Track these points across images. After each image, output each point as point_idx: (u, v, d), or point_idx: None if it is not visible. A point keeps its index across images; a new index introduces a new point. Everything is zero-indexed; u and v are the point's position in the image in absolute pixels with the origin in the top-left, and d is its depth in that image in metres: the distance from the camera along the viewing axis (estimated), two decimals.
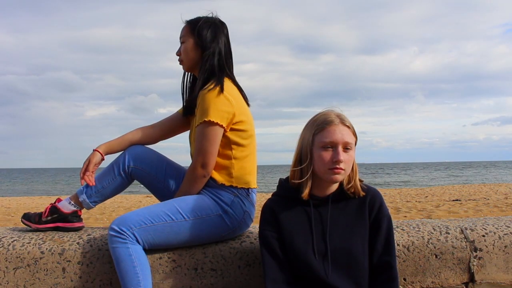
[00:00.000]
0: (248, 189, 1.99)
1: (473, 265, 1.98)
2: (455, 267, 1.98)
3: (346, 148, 1.63)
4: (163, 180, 2.07)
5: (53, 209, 2.06)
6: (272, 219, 1.70)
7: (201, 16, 2.09)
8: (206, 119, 1.89)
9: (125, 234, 1.80)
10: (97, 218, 8.30)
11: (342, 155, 1.61)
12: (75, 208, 2.07)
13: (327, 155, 1.61)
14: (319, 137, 1.63)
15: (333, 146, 1.62)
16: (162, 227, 1.84)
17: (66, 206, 2.06)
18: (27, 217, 2.09)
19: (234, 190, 1.95)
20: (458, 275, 1.98)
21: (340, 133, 1.62)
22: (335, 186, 1.70)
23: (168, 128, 2.20)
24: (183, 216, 1.86)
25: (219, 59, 2.01)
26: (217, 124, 1.89)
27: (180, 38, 2.09)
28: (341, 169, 1.61)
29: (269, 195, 1.85)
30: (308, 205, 1.69)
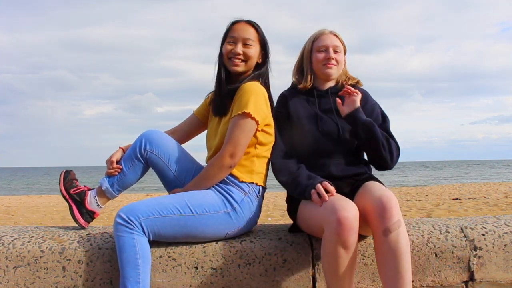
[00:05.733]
0: (259, 187, 2.01)
1: (473, 263, 1.98)
2: (455, 265, 1.98)
3: (335, 51, 2.16)
4: (175, 169, 2.08)
5: (82, 194, 2.12)
6: (283, 102, 2.19)
7: (254, 21, 2.14)
8: (246, 111, 1.93)
9: (133, 224, 1.80)
10: (97, 217, 8.30)
11: (332, 54, 2.14)
12: (95, 209, 2.12)
13: (321, 55, 2.16)
14: (316, 43, 2.19)
15: (326, 49, 2.16)
16: (170, 219, 1.84)
17: (91, 202, 2.12)
18: (67, 174, 2.18)
19: (245, 189, 1.96)
20: (458, 274, 1.98)
21: (330, 39, 2.18)
22: (331, 83, 2.21)
23: (186, 133, 2.29)
24: (191, 211, 1.87)
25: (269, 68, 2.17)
26: (254, 119, 1.94)
27: (246, 39, 2.08)
28: (333, 64, 2.15)
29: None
30: (312, 96, 2.18)
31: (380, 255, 1.73)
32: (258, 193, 2.01)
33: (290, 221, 2.14)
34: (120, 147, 2.19)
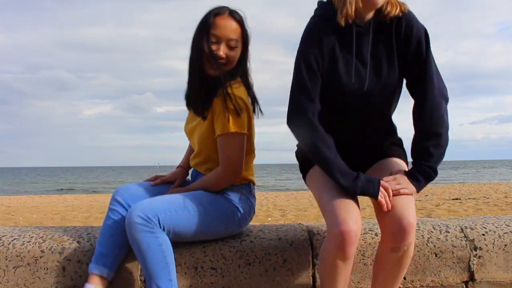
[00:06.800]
0: (250, 184, 2.01)
1: (473, 263, 1.98)
2: (455, 266, 1.98)
3: None
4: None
5: None
6: (317, 40, 1.70)
7: (236, 10, 1.92)
8: (233, 131, 1.84)
9: (153, 222, 1.73)
10: (97, 217, 8.30)
11: None
12: None
13: None
14: None
15: None
16: (184, 217, 1.82)
17: None
18: None
19: (239, 188, 1.96)
20: (458, 274, 1.98)
21: None
22: (371, 14, 1.70)
23: None
24: (204, 209, 1.86)
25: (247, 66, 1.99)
26: (241, 134, 1.87)
27: (231, 40, 1.89)
28: None
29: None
30: (350, 33, 1.70)
31: (381, 258, 1.70)
32: (249, 187, 2.01)
33: (290, 221, 2.14)
34: (180, 166, 2.15)
